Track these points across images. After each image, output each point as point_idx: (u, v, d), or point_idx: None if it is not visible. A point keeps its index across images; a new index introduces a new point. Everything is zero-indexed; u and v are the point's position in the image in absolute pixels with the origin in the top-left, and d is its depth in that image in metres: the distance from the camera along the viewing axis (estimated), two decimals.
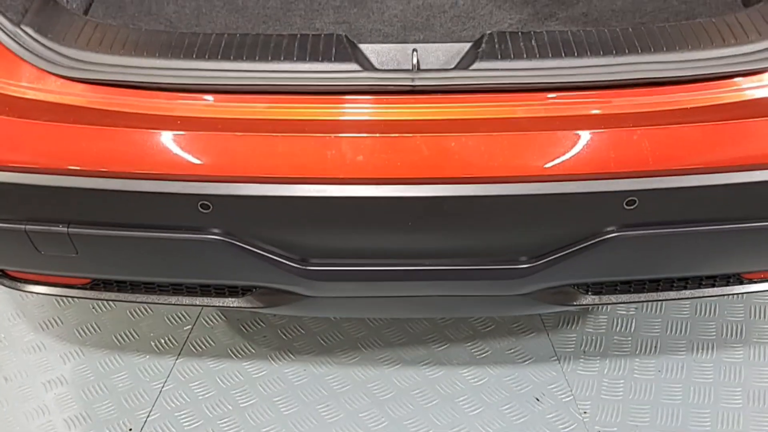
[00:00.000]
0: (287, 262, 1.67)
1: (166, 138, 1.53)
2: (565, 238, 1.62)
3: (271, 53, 1.57)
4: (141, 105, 1.52)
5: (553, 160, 1.51)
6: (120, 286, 1.87)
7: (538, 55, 1.55)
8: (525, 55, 1.55)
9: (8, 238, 1.65)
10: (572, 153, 1.52)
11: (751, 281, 1.86)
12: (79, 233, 1.61)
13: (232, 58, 1.56)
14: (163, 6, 2.18)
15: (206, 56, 1.56)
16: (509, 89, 1.53)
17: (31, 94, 1.52)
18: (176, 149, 1.53)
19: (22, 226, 1.61)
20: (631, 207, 1.54)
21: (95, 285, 1.86)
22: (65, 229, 1.60)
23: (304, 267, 1.68)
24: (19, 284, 1.90)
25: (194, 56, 1.56)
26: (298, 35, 1.61)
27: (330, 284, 1.74)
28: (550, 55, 1.55)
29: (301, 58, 1.56)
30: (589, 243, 1.61)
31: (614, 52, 1.54)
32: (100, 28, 1.63)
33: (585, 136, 1.52)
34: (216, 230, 1.61)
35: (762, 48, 1.53)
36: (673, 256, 1.71)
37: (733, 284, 1.85)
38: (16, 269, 1.85)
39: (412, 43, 2.05)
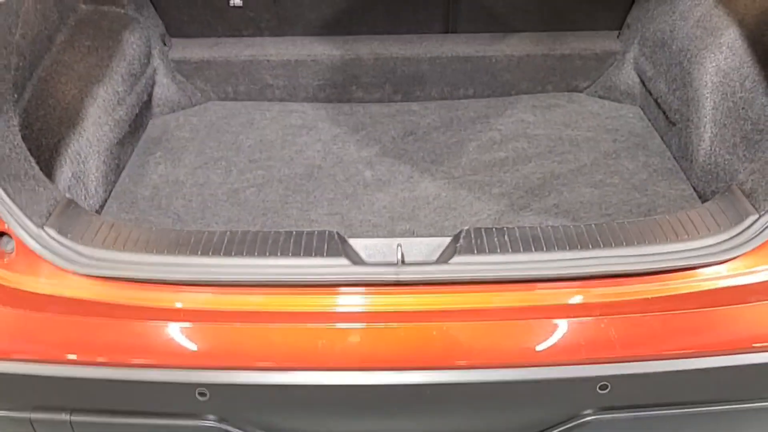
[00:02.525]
0: None
1: (171, 330, 1.65)
2: (544, 420, 1.70)
3: (268, 249, 1.72)
4: (149, 298, 1.65)
5: (526, 348, 1.63)
6: None
7: (510, 250, 1.70)
8: (499, 250, 1.70)
9: (11, 427, 1.72)
10: (545, 341, 1.63)
11: None
12: (81, 421, 1.68)
13: (233, 254, 1.71)
14: (171, 201, 2.38)
15: (210, 253, 1.71)
16: (485, 281, 1.67)
17: (48, 290, 1.66)
18: (179, 340, 1.65)
19: (27, 415, 1.68)
20: (605, 391, 1.63)
21: None
22: (68, 417, 1.67)
23: None
24: None
25: (199, 253, 1.71)
26: (294, 232, 1.77)
27: None
28: (522, 249, 1.70)
29: (296, 254, 1.71)
30: (568, 426, 1.68)
31: (579, 247, 1.70)
32: (115, 228, 1.79)
33: (556, 324, 1.65)
34: (211, 416, 1.68)
35: (712, 243, 1.68)
36: None
37: None
38: None
39: (399, 233, 2.24)
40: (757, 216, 1.68)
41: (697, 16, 2.46)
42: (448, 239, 1.80)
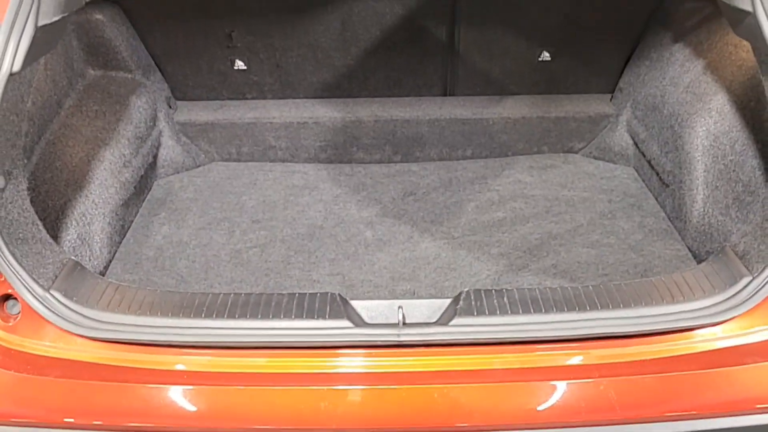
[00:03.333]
0: None
1: (175, 392, 1.66)
2: None
3: (272, 312, 1.74)
4: (154, 361, 1.67)
5: (527, 410, 1.64)
6: None
7: (510, 312, 1.73)
8: (498, 312, 1.73)
9: None
10: (545, 402, 1.65)
11: None
12: None
13: (236, 316, 1.73)
14: (175, 262, 2.41)
15: (213, 315, 1.73)
16: (485, 343, 1.69)
17: (52, 353, 1.68)
18: (183, 403, 1.66)
19: None
20: None
21: None
22: None
23: None
24: None
25: (203, 315, 1.73)
26: (296, 294, 1.80)
27: None
28: (521, 311, 1.73)
29: (299, 316, 1.73)
30: None
31: (577, 308, 1.73)
32: (120, 290, 1.82)
33: (556, 386, 1.66)
34: None
35: (708, 305, 1.71)
36: None
37: None
38: None
39: (400, 293, 2.26)
40: (750, 278, 1.71)
41: (687, 81, 2.54)
42: (448, 301, 1.83)
